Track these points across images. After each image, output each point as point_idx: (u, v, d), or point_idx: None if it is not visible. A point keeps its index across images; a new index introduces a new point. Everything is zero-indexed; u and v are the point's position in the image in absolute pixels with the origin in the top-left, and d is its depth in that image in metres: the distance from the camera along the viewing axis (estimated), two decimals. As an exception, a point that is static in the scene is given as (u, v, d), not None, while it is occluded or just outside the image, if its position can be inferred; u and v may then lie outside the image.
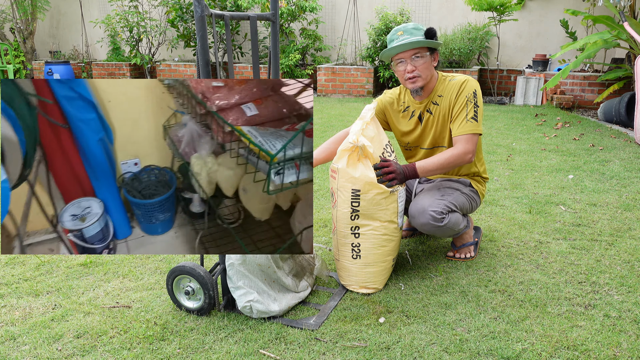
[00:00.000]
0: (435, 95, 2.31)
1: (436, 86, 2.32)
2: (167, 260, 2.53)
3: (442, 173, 2.33)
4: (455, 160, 2.21)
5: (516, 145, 4.84)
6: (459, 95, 2.25)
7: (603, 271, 2.36)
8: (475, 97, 2.24)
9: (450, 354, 1.77)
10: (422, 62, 2.22)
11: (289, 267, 2.15)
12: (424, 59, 2.22)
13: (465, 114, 2.22)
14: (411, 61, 2.22)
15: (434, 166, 2.21)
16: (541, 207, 3.18)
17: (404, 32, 2.21)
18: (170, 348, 1.81)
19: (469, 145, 2.21)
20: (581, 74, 6.94)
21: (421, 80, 2.25)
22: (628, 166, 4.07)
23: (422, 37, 2.19)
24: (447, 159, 2.21)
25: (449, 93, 2.27)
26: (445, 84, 2.30)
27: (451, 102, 2.27)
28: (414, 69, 2.22)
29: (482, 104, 2.25)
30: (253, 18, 1.92)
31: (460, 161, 2.22)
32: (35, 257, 2.56)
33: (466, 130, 2.22)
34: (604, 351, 1.77)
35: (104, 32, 9.66)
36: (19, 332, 1.92)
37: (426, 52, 2.22)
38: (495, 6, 7.28)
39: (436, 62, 2.28)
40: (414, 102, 2.37)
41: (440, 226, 2.22)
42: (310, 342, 1.84)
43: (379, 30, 7.80)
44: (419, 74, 2.23)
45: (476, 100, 2.24)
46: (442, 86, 2.31)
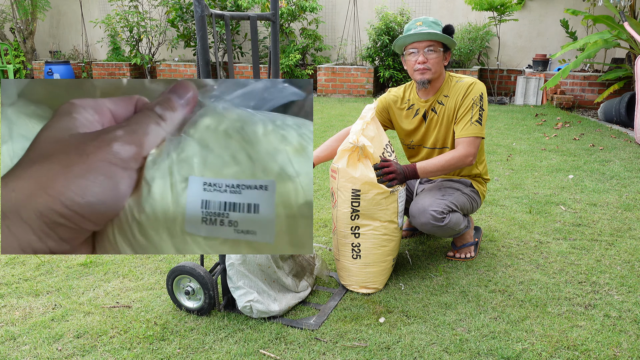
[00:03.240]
0: (442, 95, 2.31)
1: (443, 86, 2.31)
2: (167, 260, 2.53)
3: (442, 174, 2.33)
4: (456, 162, 2.21)
5: (516, 145, 4.84)
6: (465, 98, 2.24)
7: (603, 271, 2.36)
8: (482, 100, 2.23)
9: (450, 354, 1.77)
10: (435, 56, 2.22)
11: (289, 267, 2.15)
12: (436, 54, 2.22)
13: (470, 117, 2.21)
14: (424, 53, 2.22)
15: (435, 167, 2.21)
16: (541, 207, 3.18)
17: (423, 23, 2.21)
18: (171, 348, 1.81)
19: (470, 148, 2.21)
20: (581, 73, 6.94)
21: (430, 73, 2.25)
22: (628, 166, 4.07)
23: (439, 32, 2.19)
24: (448, 160, 2.21)
25: (456, 94, 2.27)
26: (452, 84, 2.30)
27: (457, 103, 2.26)
28: (425, 61, 2.22)
29: (488, 108, 2.25)
30: (253, 18, 1.91)
31: (462, 163, 2.22)
32: (35, 257, 2.56)
33: (469, 132, 2.21)
34: (604, 351, 1.77)
35: (104, 32, 9.66)
36: (19, 332, 1.92)
37: (440, 47, 2.23)
38: (496, 6, 7.27)
39: (447, 61, 2.29)
40: (419, 100, 2.37)
41: (441, 226, 2.22)
42: (310, 342, 1.84)
43: (379, 30, 7.80)
44: (430, 67, 2.23)
45: (482, 103, 2.23)
46: (448, 86, 2.30)
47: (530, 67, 7.76)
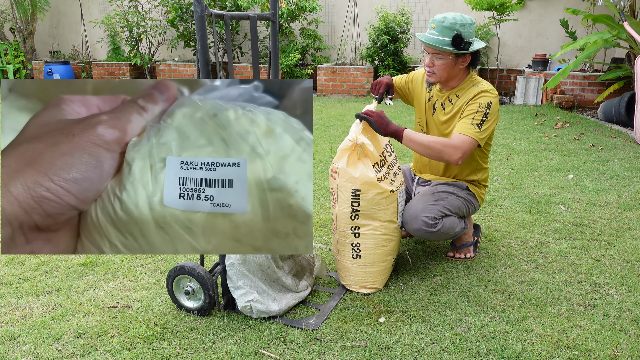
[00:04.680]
0: (454, 95, 2.30)
1: (459, 86, 2.30)
2: (167, 260, 2.53)
3: (423, 154, 2.21)
4: (442, 148, 2.13)
5: (516, 145, 4.84)
6: (472, 102, 2.22)
7: (603, 271, 2.36)
8: (488, 108, 2.19)
9: (450, 353, 1.77)
10: (441, 63, 2.21)
11: (289, 267, 2.15)
12: (443, 61, 2.20)
13: (472, 119, 2.18)
14: (432, 57, 2.22)
15: (419, 140, 2.15)
16: (541, 206, 3.18)
17: (436, 27, 2.17)
18: (170, 348, 1.81)
19: (463, 146, 2.14)
20: (581, 73, 6.94)
21: (435, 77, 2.26)
22: (628, 166, 4.07)
23: (448, 39, 2.15)
24: (435, 141, 2.15)
25: (466, 97, 2.25)
26: (466, 87, 2.28)
27: (463, 105, 2.25)
28: (432, 65, 2.23)
29: (493, 120, 2.21)
30: (253, 18, 1.91)
31: (447, 155, 2.13)
32: (35, 257, 2.56)
33: (465, 131, 2.17)
34: (604, 351, 1.77)
35: (104, 32, 9.66)
36: (19, 332, 1.92)
37: (448, 55, 2.19)
38: (496, 6, 7.28)
39: (464, 64, 2.24)
40: (437, 89, 2.37)
41: (434, 232, 2.21)
42: (310, 342, 1.84)
43: (378, 30, 7.80)
44: (434, 71, 2.24)
45: (488, 111, 2.18)
46: (463, 88, 2.29)
47: (530, 67, 7.76)
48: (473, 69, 2.31)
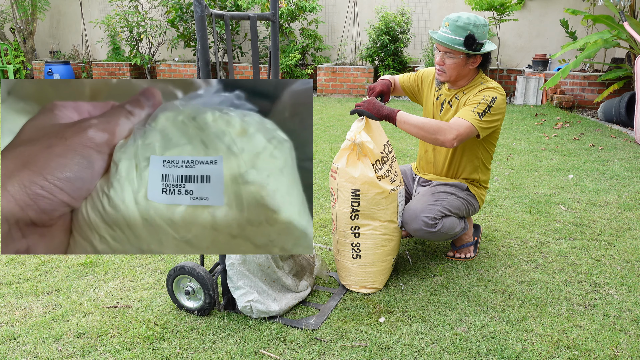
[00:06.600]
0: (461, 92, 2.31)
1: (467, 85, 2.30)
2: (167, 260, 2.53)
3: (417, 136, 2.19)
4: (436, 129, 2.11)
5: (516, 145, 4.84)
6: (476, 94, 2.23)
7: (603, 271, 2.36)
8: (492, 102, 2.18)
9: (450, 353, 1.77)
10: (451, 62, 2.21)
11: (289, 267, 2.15)
12: (453, 60, 2.21)
13: (474, 107, 2.17)
14: (442, 56, 2.23)
15: (414, 122, 2.13)
16: (541, 206, 3.18)
17: (449, 25, 2.17)
18: (171, 348, 1.81)
19: (458, 128, 2.11)
20: (581, 73, 6.94)
21: (444, 76, 2.26)
22: (628, 166, 4.07)
23: (460, 39, 2.15)
24: (430, 123, 2.13)
25: (472, 92, 2.27)
26: (474, 85, 2.29)
27: (468, 98, 2.26)
28: (442, 64, 2.24)
29: (497, 116, 2.21)
30: (253, 18, 1.92)
31: (442, 135, 2.10)
32: (35, 257, 2.56)
33: (465, 116, 2.14)
34: (604, 351, 1.77)
35: (104, 32, 9.66)
36: (19, 332, 1.92)
37: (460, 55, 2.19)
38: (496, 6, 7.27)
39: (474, 65, 2.24)
40: (445, 88, 2.38)
41: (434, 232, 2.21)
42: (310, 342, 1.84)
43: (378, 30, 7.80)
44: (445, 70, 2.24)
45: (491, 105, 2.18)
46: (471, 87, 2.29)
47: (530, 67, 7.76)
48: (483, 70, 2.31)
